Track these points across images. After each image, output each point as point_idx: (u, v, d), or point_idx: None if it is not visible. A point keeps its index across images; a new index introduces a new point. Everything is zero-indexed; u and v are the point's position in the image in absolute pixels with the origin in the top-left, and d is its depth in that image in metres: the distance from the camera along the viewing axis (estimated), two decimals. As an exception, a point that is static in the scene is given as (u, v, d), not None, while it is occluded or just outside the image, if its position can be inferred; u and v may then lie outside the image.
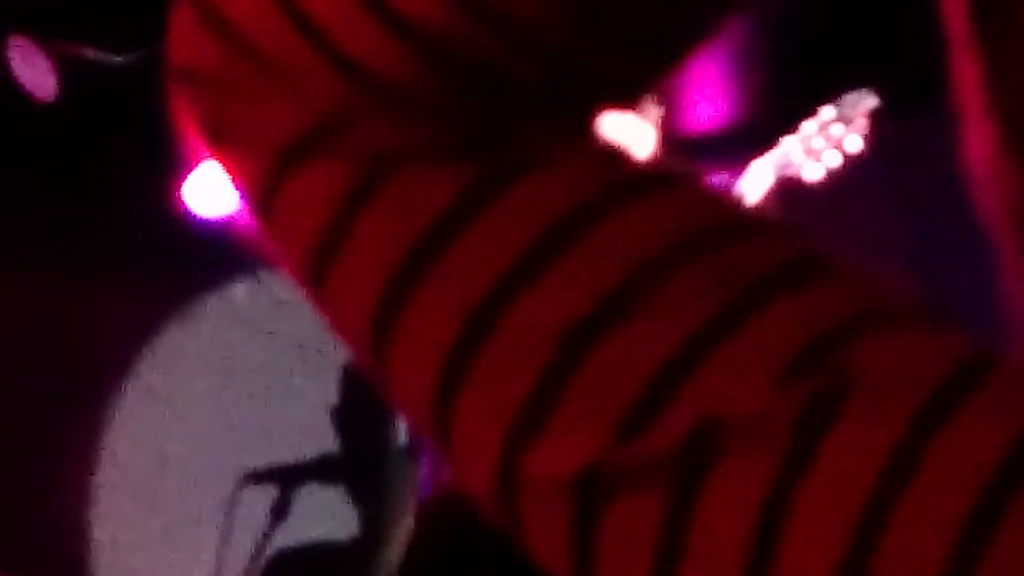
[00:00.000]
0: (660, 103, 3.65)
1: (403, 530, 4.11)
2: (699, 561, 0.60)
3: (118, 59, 5.07)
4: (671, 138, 4.22)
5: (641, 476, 0.60)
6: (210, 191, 5.51)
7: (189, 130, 0.73)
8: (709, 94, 6.16)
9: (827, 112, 3.46)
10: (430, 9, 0.65)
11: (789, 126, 6.03)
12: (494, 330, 0.64)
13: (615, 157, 0.67)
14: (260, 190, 0.74)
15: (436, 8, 0.65)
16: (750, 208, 0.67)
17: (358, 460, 5.99)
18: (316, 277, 0.73)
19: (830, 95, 5.73)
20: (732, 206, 0.67)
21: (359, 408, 5.81)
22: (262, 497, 5.76)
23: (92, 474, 5.55)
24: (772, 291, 0.62)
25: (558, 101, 0.68)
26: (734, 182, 6.57)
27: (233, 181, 0.77)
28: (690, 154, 6.38)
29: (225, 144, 0.76)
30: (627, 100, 0.72)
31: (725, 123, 6.32)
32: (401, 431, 3.96)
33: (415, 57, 0.66)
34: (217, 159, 0.77)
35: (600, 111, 0.69)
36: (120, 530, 5.54)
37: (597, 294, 0.62)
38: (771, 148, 6.17)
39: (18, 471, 5.30)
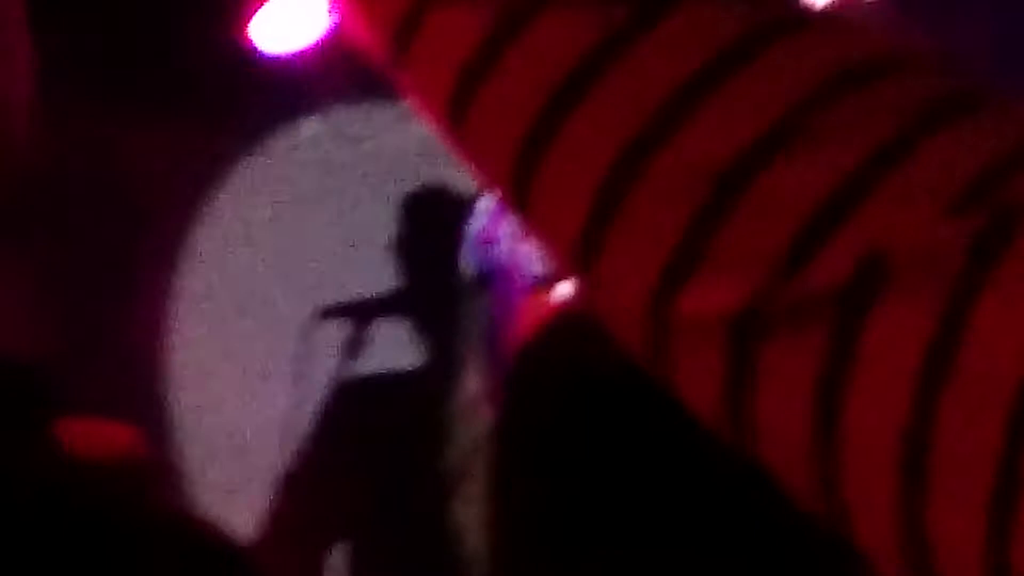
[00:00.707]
0: None
1: (477, 360, 4.13)
2: (864, 399, 0.58)
3: None
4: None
5: (801, 314, 0.58)
6: (278, 26, 5.50)
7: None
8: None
9: None
10: None
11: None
12: (651, 163, 0.62)
13: None
14: (399, 24, 0.70)
15: None
16: (902, 45, 0.65)
17: (429, 292, 6.02)
18: (459, 108, 0.69)
19: None
20: (888, 42, 0.64)
21: (428, 239, 5.83)
22: (337, 332, 5.81)
23: (167, 310, 5.60)
24: (939, 120, 0.59)
25: None
26: None
27: (368, 17, 0.72)
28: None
29: None
30: None
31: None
32: (472, 262, 3.97)
33: None
34: None
35: None
36: (197, 366, 5.61)
37: (759, 127, 0.60)
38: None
39: (92, 308, 5.37)
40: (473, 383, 4.48)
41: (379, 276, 6.01)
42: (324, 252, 5.87)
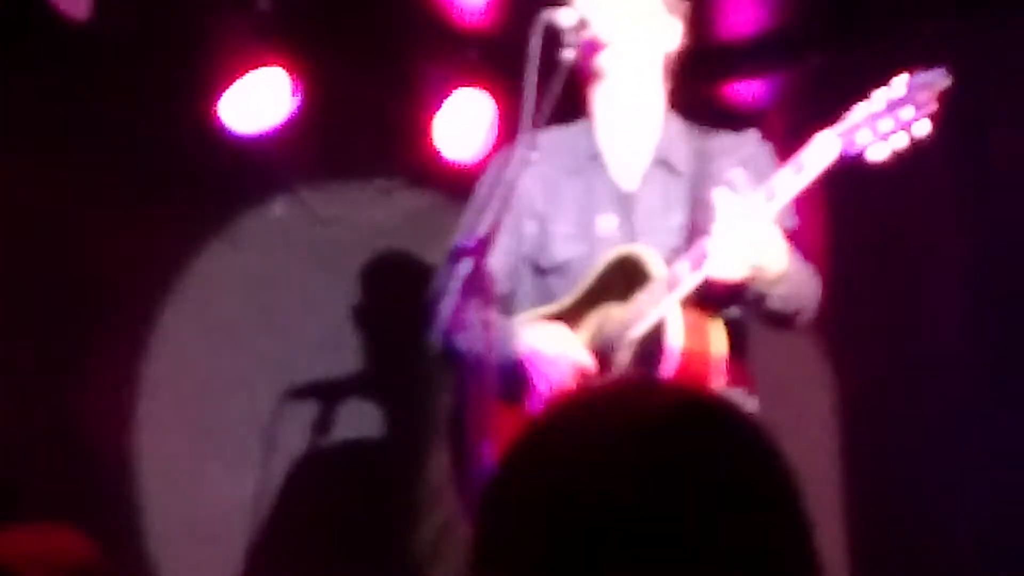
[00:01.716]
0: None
1: (439, 438, 4.12)
2: None
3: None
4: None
5: None
6: (246, 106, 5.50)
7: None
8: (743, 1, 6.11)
9: (898, 87, 3.39)
10: None
11: (824, 39, 5.99)
12: None
13: None
14: None
15: None
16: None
17: (397, 373, 6.01)
18: None
19: (877, 10, 5.69)
20: None
21: (396, 320, 5.83)
22: (304, 412, 5.78)
23: (132, 395, 5.56)
24: None
25: None
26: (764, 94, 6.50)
27: None
28: (721, 64, 6.34)
29: None
30: None
31: (757, 30, 6.26)
32: (440, 343, 3.96)
33: None
34: None
35: None
36: (163, 448, 5.57)
37: None
38: (801, 61, 6.14)
39: (60, 393, 5.32)
40: (439, 464, 4.43)
41: (346, 356, 6.01)
42: (291, 332, 5.84)
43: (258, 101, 5.51)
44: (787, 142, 3.97)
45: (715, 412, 1.63)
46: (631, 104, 4.04)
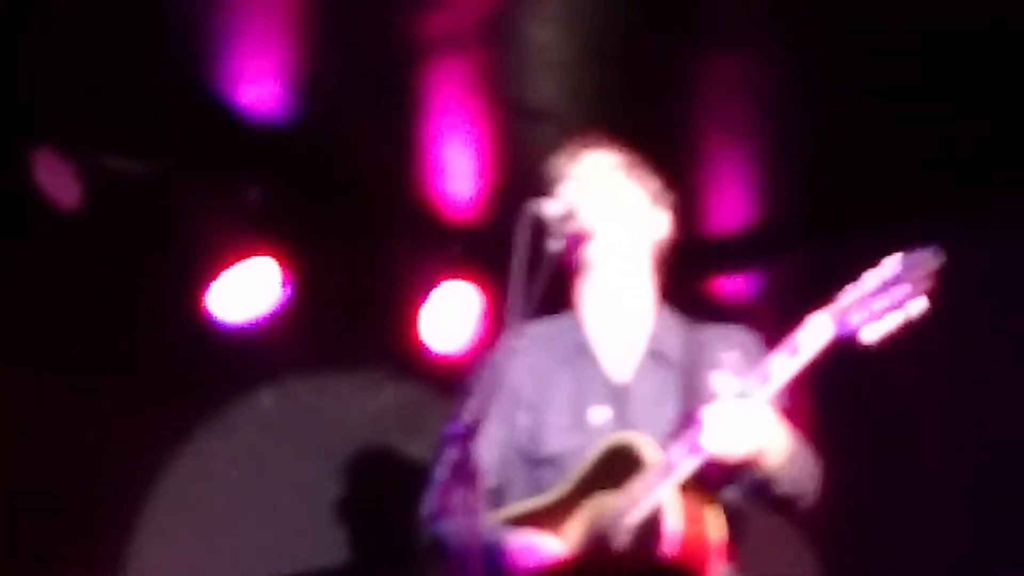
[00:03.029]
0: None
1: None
2: None
3: (140, 167, 5.10)
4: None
5: None
6: (235, 297, 5.52)
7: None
8: (733, 195, 6.16)
9: (890, 267, 3.40)
10: None
11: (813, 233, 6.04)
12: None
13: None
14: None
15: None
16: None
17: (383, 561, 5.96)
18: None
19: (856, 205, 5.75)
20: None
21: (382, 509, 5.80)
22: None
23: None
24: None
25: None
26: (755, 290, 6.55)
27: None
28: (708, 257, 6.38)
29: None
30: None
31: (748, 225, 6.31)
32: (427, 530, 3.93)
33: None
34: None
35: None
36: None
37: None
38: (789, 255, 6.18)
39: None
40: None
41: (333, 545, 5.96)
42: (278, 521, 5.80)
43: (247, 291, 5.54)
44: (774, 335, 3.99)
45: None
46: (619, 295, 4.05)
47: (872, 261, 3.46)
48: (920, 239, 3.44)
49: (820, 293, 3.55)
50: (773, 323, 3.62)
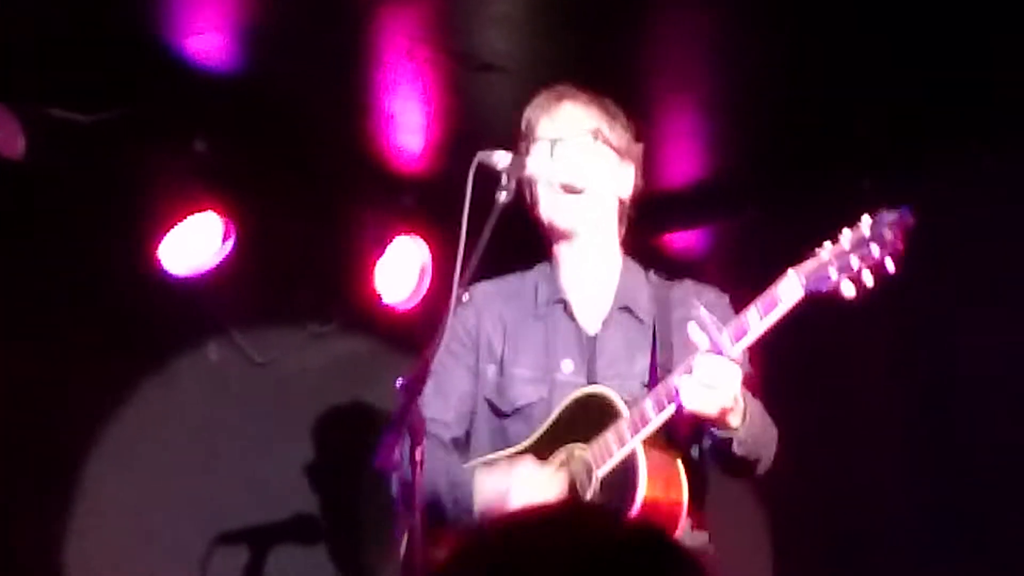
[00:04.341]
0: None
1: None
2: None
3: (85, 118, 5.06)
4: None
5: None
6: (185, 250, 5.49)
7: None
8: (686, 151, 6.16)
9: (864, 229, 3.42)
10: None
11: (767, 189, 6.04)
12: None
13: None
14: None
15: None
16: None
17: (333, 516, 5.96)
18: None
19: (811, 163, 5.75)
20: None
21: (330, 462, 5.79)
22: (236, 557, 5.71)
23: (66, 536, 5.47)
24: None
25: None
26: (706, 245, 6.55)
27: None
28: (661, 212, 6.38)
29: None
30: None
31: (700, 180, 6.31)
32: (377, 484, 3.94)
33: None
34: None
35: None
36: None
37: None
38: (740, 211, 6.19)
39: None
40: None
41: (280, 499, 5.95)
42: (225, 476, 5.79)
43: (194, 243, 5.50)
44: (726, 292, 4.00)
45: (664, 545, 1.63)
46: (589, 251, 4.07)
47: (826, 218, 3.48)
48: (872, 196, 3.46)
49: (772, 249, 3.56)
50: (725, 279, 3.63)
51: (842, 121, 5.52)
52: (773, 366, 3.83)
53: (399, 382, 3.45)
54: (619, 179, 4.11)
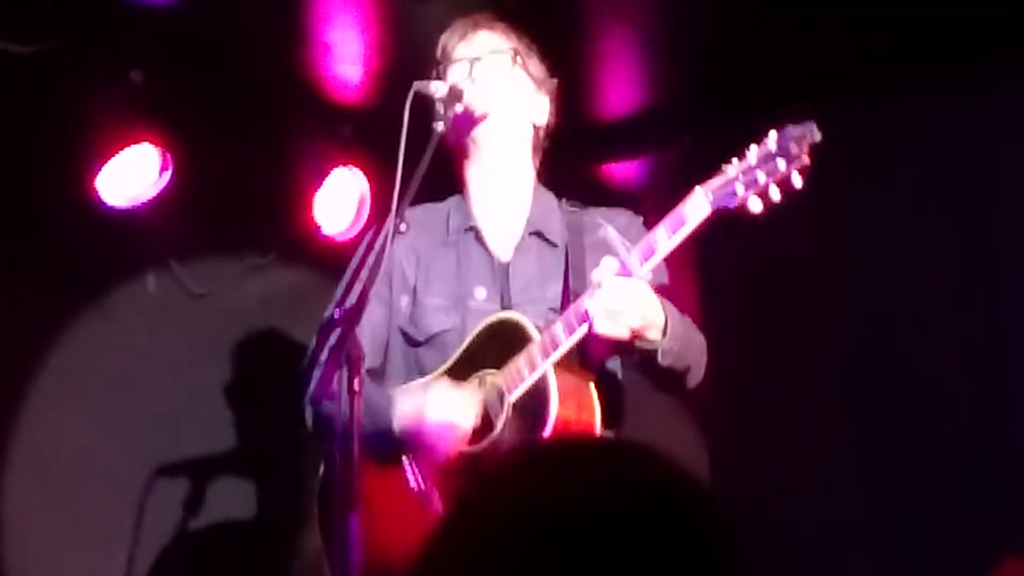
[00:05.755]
0: None
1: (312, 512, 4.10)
2: None
3: (21, 48, 5.03)
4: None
5: None
6: (122, 181, 5.47)
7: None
8: (623, 80, 6.17)
9: (770, 143, 3.42)
10: None
11: (702, 119, 6.06)
12: None
13: None
14: None
15: None
16: None
17: (269, 447, 5.97)
18: None
19: (747, 93, 5.77)
20: None
21: (267, 394, 5.79)
22: (175, 489, 5.72)
23: (3, 467, 5.46)
24: None
25: None
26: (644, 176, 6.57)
27: None
28: (599, 143, 6.40)
29: None
30: None
31: (635, 110, 6.33)
32: (310, 416, 3.96)
33: None
34: None
35: None
36: (30, 524, 5.47)
37: None
38: (678, 141, 6.21)
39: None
40: (313, 538, 4.37)
41: (219, 432, 5.96)
42: (163, 408, 5.78)
43: (132, 175, 5.48)
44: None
45: (682, 483, 1.64)
46: (500, 177, 4.09)
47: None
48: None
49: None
50: (664, 209, 3.64)
51: (777, 50, 5.54)
52: (708, 279, 3.86)
53: (330, 314, 3.47)
54: (535, 106, 4.13)
